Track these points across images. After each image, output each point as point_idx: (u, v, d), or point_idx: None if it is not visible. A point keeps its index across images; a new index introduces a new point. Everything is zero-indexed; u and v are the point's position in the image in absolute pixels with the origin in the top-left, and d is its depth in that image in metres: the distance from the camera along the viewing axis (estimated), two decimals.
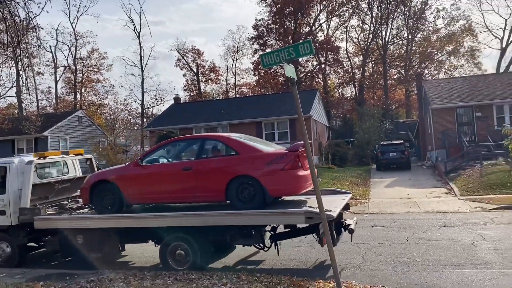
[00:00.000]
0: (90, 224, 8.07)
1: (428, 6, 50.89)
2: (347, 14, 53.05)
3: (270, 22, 53.64)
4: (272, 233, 7.76)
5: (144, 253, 9.41)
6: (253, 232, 7.31)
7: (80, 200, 9.43)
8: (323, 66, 52.75)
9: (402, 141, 29.50)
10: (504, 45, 47.40)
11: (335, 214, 6.77)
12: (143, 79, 48.58)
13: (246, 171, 7.12)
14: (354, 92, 55.69)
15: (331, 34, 54.50)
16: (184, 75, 60.77)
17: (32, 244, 9.25)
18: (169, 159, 8.26)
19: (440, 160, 24.89)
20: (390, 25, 51.87)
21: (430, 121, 28.44)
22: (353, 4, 51.78)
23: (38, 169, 9.13)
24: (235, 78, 61.54)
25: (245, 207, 7.06)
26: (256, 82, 57.44)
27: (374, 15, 51.56)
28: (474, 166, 20.91)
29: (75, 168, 10.07)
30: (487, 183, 17.11)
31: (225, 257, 8.22)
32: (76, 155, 10.05)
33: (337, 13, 53.41)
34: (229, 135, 8.19)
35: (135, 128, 42.52)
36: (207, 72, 59.98)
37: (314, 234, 7.56)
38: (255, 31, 54.18)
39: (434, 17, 52.37)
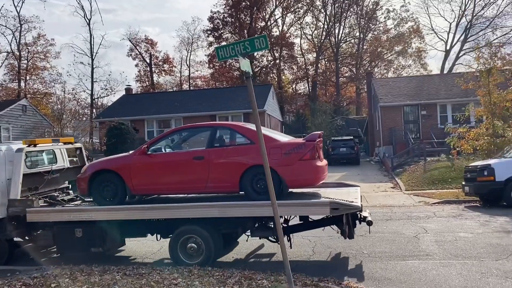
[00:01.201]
0: (94, 216, 7.57)
1: (379, 7, 52.54)
2: (301, 11, 53.71)
3: (226, 15, 53.30)
4: (285, 225, 7.59)
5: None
6: (270, 224, 7.19)
7: (70, 192, 9.00)
8: (277, 61, 53.18)
9: (352, 137, 30.36)
10: (448, 47, 49.86)
11: (360, 205, 6.86)
12: (93, 68, 46.82)
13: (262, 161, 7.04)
14: (308, 88, 56.58)
15: (286, 30, 55.00)
16: (136, 66, 59.24)
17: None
18: (178, 148, 7.98)
19: (387, 156, 25.89)
20: (343, 24, 53.06)
21: (378, 118, 29.45)
22: (308, 1, 52.46)
23: (27, 158, 8.44)
24: (189, 70, 60.77)
25: (260, 199, 6.83)
26: (211, 75, 57.00)
27: (328, 13, 52.53)
28: (418, 162, 21.94)
29: (63, 158, 9.41)
30: (430, 179, 18.01)
31: (231, 251, 8.08)
32: (65, 143, 9.40)
33: (292, 10, 53.94)
34: (242, 123, 7.95)
35: (84, 119, 40.93)
36: (160, 63, 58.77)
37: (332, 226, 7.59)
38: (210, 24, 53.68)
39: (384, 18, 54.07)
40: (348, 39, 55.16)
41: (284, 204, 6.80)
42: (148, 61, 57.46)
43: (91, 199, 8.23)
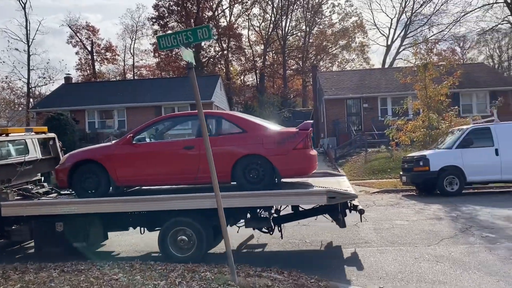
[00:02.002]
0: (78, 210, 7.12)
1: (324, 1, 53.71)
2: (249, 2, 53.69)
3: (171, 3, 52.18)
4: (276, 215, 7.51)
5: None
6: (264, 215, 7.14)
7: (45, 184, 8.45)
8: (225, 52, 52.89)
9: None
10: (389, 43, 51.98)
11: (356, 194, 6.85)
12: (29, 55, 44.07)
13: (256, 150, 6.79)
14: (256, 80, 56.85)
15: (233, 21, 54.78)
16: (77, 53, 56.92)
17: None
18: (165, 137, 7.68)
19: (331, 147, 26.64)
20: (290, 17, 53.71)
21: (323, 110, 30.18)
22: None
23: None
24: (133, 59, 58.98)
25: (253, 188, 6.74)
26: (157, 64, 55.72)
27: (275, 5, 52.91)
28: (360, 153, 22.79)
29: (35, 149, 8.76)
30: (371, 169, 18.78)
31: (220, 242, 7.82)
32: (37, 133, 8.76)
33: (239, 0, 53.77)
34: (233, 112, 7.69)
35: (20, 109, 38.57)
36: (102, 51, 56.60)
37: (326, 215, 7.57)
38: (155, 12, 52.37)
39: (330, 12, 55.59)
40: (295, 32, 55.98)
41: (280, 194, 6.81)
42: (89, 49, 55.18)
43: (69, 192, 7.85)
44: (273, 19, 53.53)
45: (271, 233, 7.58)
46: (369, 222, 9.54)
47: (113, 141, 7.81)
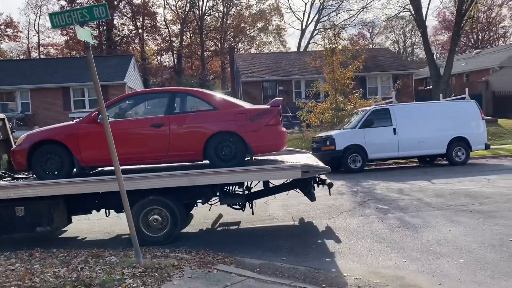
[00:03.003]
0: (42, 192, 6.61)
1: None
2: None
3: None
4: (247, 192, 7.51)
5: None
6: (237, 191, 7.20)
7: None
8: (140, 31, 50.90)
9: None
10: (304, 27, 53.56)
11: (328, 167, 6.97)
12: None
13: (228, 127, 6.78)
14: (173, 61, 55.59)
15: None
16: None
17: None
18: (132, 115, 7.40)
19: None
20: None
21: (240, 92, 30.50)
22: None
23: None
24: (38, 36, 54.62)
25: (225, 166, 6.72)
26: (65, 42, 52.05)
27: None
28: None
29: None
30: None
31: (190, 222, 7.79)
32: None
33: None
34: (202, 90, 7.60)
35: None
36: (2, 27, 51.58)
37: (297, 190, 7.82)
38: None
39: None
40: (212, 13, 55.33)
41: (255, 170, 6.81)
42: None
43: (25, 175, 7.47)
44: None
45: (243, 209, 7.74)
46: (277, 199, 9.96)
47: (76, 120, 7.44)
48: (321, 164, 7.26)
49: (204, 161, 7.21)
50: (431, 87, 29.93)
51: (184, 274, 5.06)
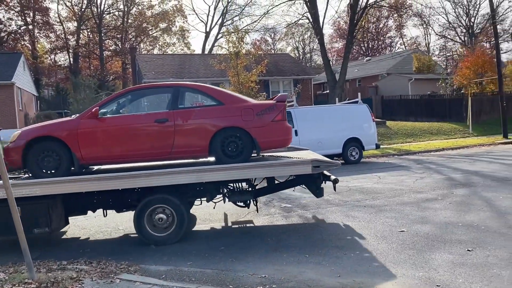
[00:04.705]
0: (42, 191, 6.26)
1: None
2: None
3: None
4: (251, 189, 7.29)
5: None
6: (245, 188, 7.11)
7: None
8: (30, 27, 46.83)
9: None
10: (208, 29, 53.66)
11: (338, 162, 7.06)
12: None
13: (235, 122, 6.61)
14: (69, 60, 52.03)
15: None
16: None
17: None
18: (134, 111, 7.09)
19: None
20: None
21: None
22: None
23: None
24: None
25: (231, 162, 6.54)
26: None
27: None
28: None
29: None
30: None
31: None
32: None
33: None
34: (206, 85, 7.42)
35: None
36: None
37: (303, 186, 7.72)
38: None
39: None
40: (112, 11, 52.92)
41: (265, 165, 6.67)
42: None
43: (15, 175, 7.22)
44: None
45: (248, 207, 7.62)
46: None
47: (74, 116, 7.03)
48: (329, 159, 7.36)
49: (208, 159, 7.17)
50: (328, 91, 31.84)
51: (84, 287, 4.78)
